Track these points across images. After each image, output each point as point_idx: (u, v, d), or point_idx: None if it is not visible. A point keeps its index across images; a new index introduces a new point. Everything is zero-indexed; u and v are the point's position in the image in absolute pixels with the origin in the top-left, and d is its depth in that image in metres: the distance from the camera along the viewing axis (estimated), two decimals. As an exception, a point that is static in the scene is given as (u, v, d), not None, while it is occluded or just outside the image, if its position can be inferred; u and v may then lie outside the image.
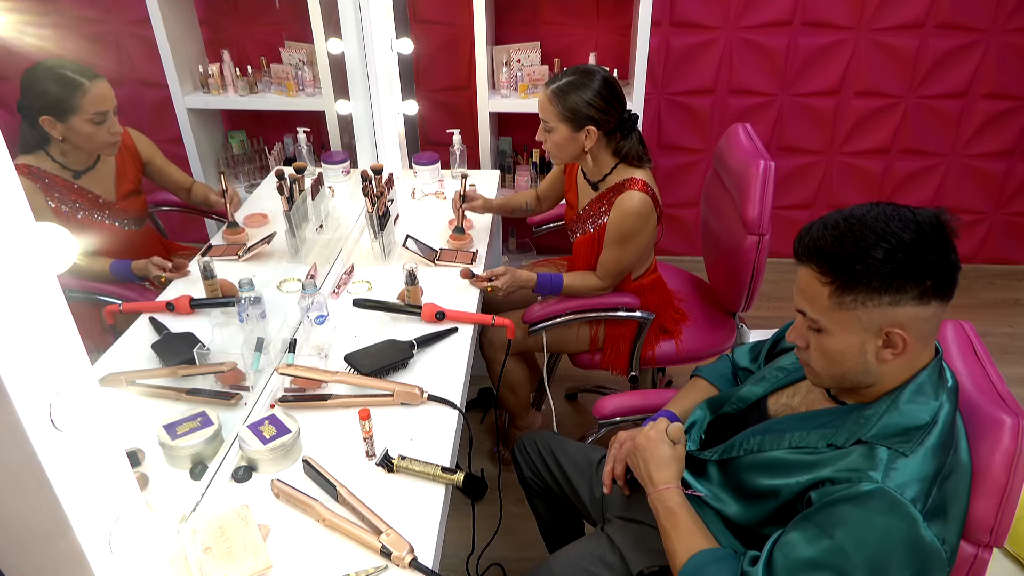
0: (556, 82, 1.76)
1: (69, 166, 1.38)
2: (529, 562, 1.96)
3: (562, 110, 1.75)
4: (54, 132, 1.31)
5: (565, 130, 1.78)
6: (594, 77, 1.75)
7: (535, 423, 2.28)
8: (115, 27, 2.26)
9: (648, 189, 1.80)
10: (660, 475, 1.20)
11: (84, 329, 0.68)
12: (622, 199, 1.81)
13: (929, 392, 1.01)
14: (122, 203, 1.50)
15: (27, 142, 1.32)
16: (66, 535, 0.67)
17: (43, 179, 1.34)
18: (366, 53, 2.12)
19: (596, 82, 1.74)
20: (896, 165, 3.15)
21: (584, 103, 1.73)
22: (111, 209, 1.47)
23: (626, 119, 1.81)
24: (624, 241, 1.85)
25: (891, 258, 0.93)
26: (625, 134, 1.83)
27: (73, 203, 1.39)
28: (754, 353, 1.44)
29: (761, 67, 2.94)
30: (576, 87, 1.74)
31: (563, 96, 1.74)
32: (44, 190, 1.34)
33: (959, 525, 1.02)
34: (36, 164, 1.33)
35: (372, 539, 1.09)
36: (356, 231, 2.07)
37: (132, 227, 1.54)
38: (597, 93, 1.73)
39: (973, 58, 2.86)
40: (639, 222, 1.81)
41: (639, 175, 1.82)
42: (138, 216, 1.56)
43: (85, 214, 1.42)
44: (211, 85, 2.41)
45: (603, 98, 1.74)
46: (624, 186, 1.82)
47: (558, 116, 1.76)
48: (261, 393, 1.43)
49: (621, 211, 1.81)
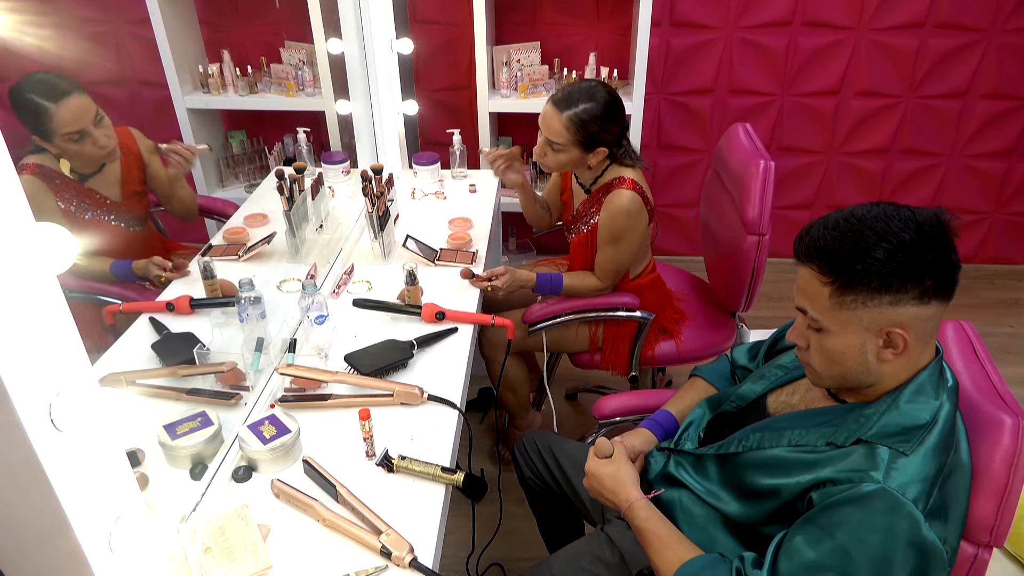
0: (572, 108, 1.74)
1: (75, 170, 1.38)
2: (529, 562, 1.96)
3: (578, 136, 1.76)
4: (49, 148, 1.30)
5: (576, 152, 1.80)
6: (605, 101, 1.75)
7: (535, 423, 2.28)
8: (115, 27, 2.26)
9: (637, 187, 1.81)
10: (618, 497, 1.21)
11: (84, 329, 0.67)
12: (611, 198, 1.82)
13: (929, 392, 1.01)
14: (127, 203, 1.50)
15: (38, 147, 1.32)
16: (66, 535, 0.67)
17: (53, 179, 1.33)
18: (366, 53, 2.12)
19: (608, 107, 1.75)
20: (896, 165, 3.15)
21: (601, 130, 1.76)
22: (117, 210, 1.47)
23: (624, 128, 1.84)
24: (616, 240, 1.86)
25: (892, 258, 0.93)
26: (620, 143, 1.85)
27: (81, 203, 1.39)
28: (753, 352, 1.44)
29: (761, 67, 2.94)
30: (593, 115, 1.74)
31: (582, 124, 1.74)
32: (55, 190, 1.34)
33: (959, 525, 1.02)
34: (46, 163, 1.33)
35: (372, 539, 1.09)
36: (356, 231, 2.07)
37: (135, 227, 1.54)
38: (611, 118, 1.76)
39: (973, 58, 2.86)
40: (630, 220, 1.82)
41: (628, 174, 1.83)
42: (141, 216, 1.56)
43: (93, 215, 1.42)
44: (211, 85, 2.41)
45: (615, 122, 1.78)
46: (613, 185, 1.83)
47: (573, 141, 1.77)
48: (261, 393, 1.43)
49: (610, 210, 1.82)
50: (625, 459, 1.26)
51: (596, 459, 1.26)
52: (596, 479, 1.24)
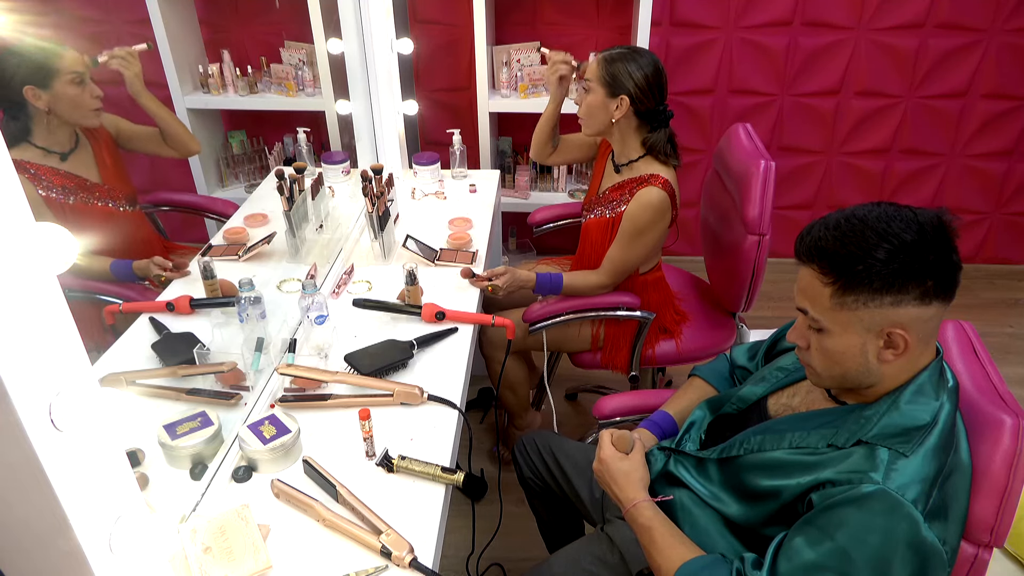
0: (610, 50, 1.82)
1: (54, 149, 1.37)
2: (529, 562, 1.96)
3: (604, 74, 1.80)
4: (39, 103, 1.30)
5: (601, 93, 1.82)
6: (646, 57, 1.80)
7: (535, 423, 2.28)
8: (115, 27, 2.26)
9: (669, 187, 1.82)
10: (625, 494, 1.21)
11: (84, 329, 0.67)
12: (642, 192, 1.82)
13: (930, 392, 1.01)
14: (109, 183, 1.49)
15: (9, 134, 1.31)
16: (66, 535, 0.67)
17: (27, 170, 1.34)
18: (366, 53, 2.12)
19: (646, 61, 1.79)
20: (896, 165, 3.15)
21: (626, 73, 1.78)
22: (100, 190, 1.46)
23: (660, 111, 1.83)
24: (637, 235, 1.86)
25: (893, 259, 0.93)
26: (655, 126, 1.84)
27: (62, 188, 1.39)
28: (752, 352, 1.44)
29: (761, 67, 2.94)
30: (626, 58, 1.79)
31: (610, 62, 1.80)
32: (32, 180, 1.34)
33: (959, 525, 1.02)
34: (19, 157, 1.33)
35: (372, 539, 1.09)
36: (356, 231, 2.07)
37: (126, 207, 1.53)
38: (642, 70, 1.78)
39: (973, 58, 2.86)
40: (655, 216, 1.82)
41: (664, 173, 1.83)
42: (130, 195, 1.55)
43: (77, 198, 1.41)
44: (211, 85, 2.41)
45: (646, 77, 1.79)
46: (647, 180, 1.83)
47: (599, 79, 1.81)
48: (261, 393, 1.43)
49: (640, 203, 1.83)
50: (642, 460, 1.25)
51: (614, 450, 1.25)
52: (609, 472, 1.23)
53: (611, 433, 1.27)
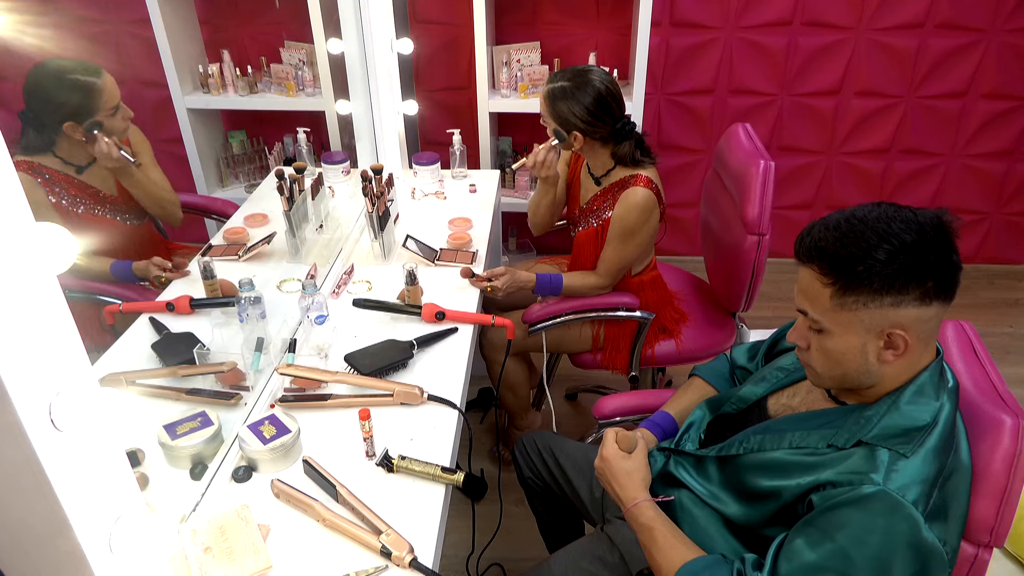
0: (553, 83, 1.82)
1: (73, 162, 1.38)
2: (529, 562, 1.96)
3: (552, 112, 1.82)
4: (77, 135, 1.31)
5: (555, 126, 1.84)
6: (587, 91, 1.77)
7: (535, 423, 2.28)
8: (115, 27, 2.26)
9: (652, 186, 1.83)
10: (626, 493, 1.21)
11: (84, 329, 0.67)
12: (627, 194, 1.83)
13: (930, 393, 1.01)
14: (123, 196, 1.50)
15: (32, 145, 1.32)
16: (66, 535, 0.67)
17: (43, 174, 1.34)
18: (366, 53, 2.12)
19: (588, 97, 1.77)
20: (896, 165, 3.15)
21: (569, 112, 1.79)
22: (112, 203, 1.47)
23: (619, 128, 1.83)
24: (628, 236, 1.86)
25: (893, 259, 0.93)
26: (619, 140, 1.84)
27: (74, 198, 1.39)
28: (752, 352, 1.44)
29: (761, 67, 2.94)
30: (567, 97, 1.78)
31: (554, 101, 1.81)
32: (44, 185, 1.34)
33: (960, 526, 1.02)
34: (36, 161, 1.33)
35: (372, 539, 1.09)
36: (356, 231, 2.07)
37: (133, 222, 1.54)
38: (586, 108, 1.78)
39: (973, 58, 2.86)
40: (643, 216, 1.83)
41: (644, 172, 1.84)
42: (139, 210, 1.56)
43: (86, 209, 1.41)
44: (211, 85, 2.41)
45: (587, 111, 1.78)
46: (629, 182, 1.84)
47: (550, 115, 1.83)
48: (261, 393, 1.43)
49: (626, 205, 1.83)
50: (644, 460, 1.25)
51: (617, 448, 1.25)
52: (611, 470, 1.23)
53: (616, 432, 1.27)
